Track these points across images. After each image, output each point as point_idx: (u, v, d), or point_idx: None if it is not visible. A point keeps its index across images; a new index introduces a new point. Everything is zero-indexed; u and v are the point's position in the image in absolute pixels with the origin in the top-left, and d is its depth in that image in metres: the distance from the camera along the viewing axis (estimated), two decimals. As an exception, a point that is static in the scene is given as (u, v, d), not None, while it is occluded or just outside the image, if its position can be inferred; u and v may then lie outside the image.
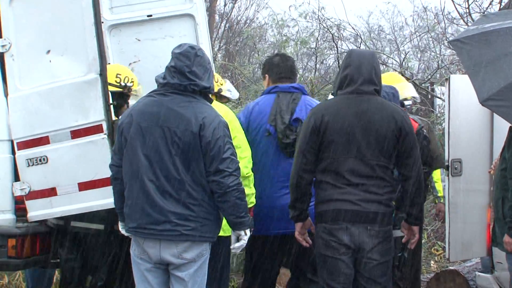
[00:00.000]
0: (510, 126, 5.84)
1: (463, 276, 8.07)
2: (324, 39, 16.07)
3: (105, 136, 6.65)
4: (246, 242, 5.78)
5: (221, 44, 23.93)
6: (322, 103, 6.22)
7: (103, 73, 6.82)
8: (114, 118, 6.67)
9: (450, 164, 6.64)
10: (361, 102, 5.87)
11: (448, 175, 6.64)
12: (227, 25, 25.27)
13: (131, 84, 7.01)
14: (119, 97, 6.91)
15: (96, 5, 6.77)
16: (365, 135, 5.80)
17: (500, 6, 14.52)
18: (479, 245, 6.82)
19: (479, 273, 6.97)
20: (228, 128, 5.71)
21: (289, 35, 16.04)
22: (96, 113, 6.92)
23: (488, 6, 14.64)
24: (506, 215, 5.87)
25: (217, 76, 7.40)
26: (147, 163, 5.51)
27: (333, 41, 15.32)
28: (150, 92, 5.75)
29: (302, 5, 15.64)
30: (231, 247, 5.86)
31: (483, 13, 14.41)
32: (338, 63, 15.18)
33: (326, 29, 15.39)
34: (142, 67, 7.88)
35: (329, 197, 5.82)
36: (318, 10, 15.39)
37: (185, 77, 5.60)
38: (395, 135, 5.82)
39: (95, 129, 6.97)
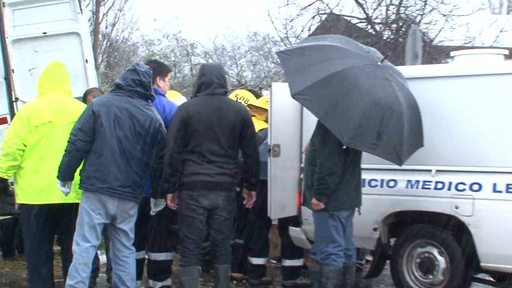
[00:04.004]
0: (318, 120, 5.94)
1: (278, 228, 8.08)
2: (181, 54, 16.08)
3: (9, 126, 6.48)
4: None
5: (104, 57, 23.64)
6: (188, 101, 6.27)
7: (7, 78, 6.64)
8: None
9: (271, 148, 6.67)
10: (215, 100, 5.98)
11: (270, 156, 6.68)
12: (108, 43, 25.10)
13: (241, 101, 7.65)
14: None
15: (1, 24, 6.58)
16: (219, 125, 5.90)
17: (309, 33, 14.89)
18: (291, 206, 6.88)
19: (291, 227, 7.05)
20: None
21: (155, 51, 15.95)
22: (1, 109, 6.74)
23: (300, 33, 14.97)
24: (314, 184, 5.98)
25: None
26: (119, 143, 5.66)
27: (188, 56, 15.43)
28: (119, 91, 5.84)
29: (164, 28, 15.71)
30: (155, 209, 6.08)
31: (297, 37, 14.74)
32: (192, 72, 15.21)
33: (182, 47, 15.47)
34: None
35: (193, 171, 5.87)
36: (177, 33, 15.53)
37: (147, 89, 5.88)
38: (242, 125, 5.99)
39: (1, 121, 6.79)
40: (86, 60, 8.06)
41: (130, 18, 27.76)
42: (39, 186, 5.92)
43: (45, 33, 7.94)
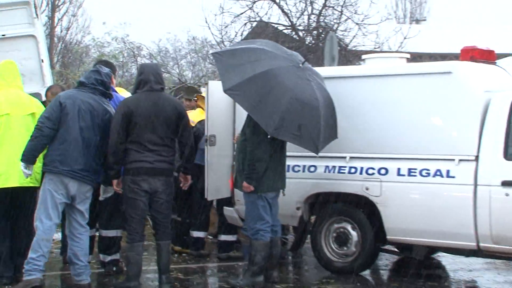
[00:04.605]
0: (248, 113, 5.96)
1: (215, 208, 8.08)
2: (128, 56, 15.89)
3: None
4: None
5: (59, 58, 23.21)
6: (129, 97, 6.09)
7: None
8: None
9: (208, 138, 6.66)
10: (153, 96, 5.84)
11: (207, 145, 6.66)
12: (62, 45, 24.76)
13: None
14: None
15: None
16: (157, 118, 5.77)
17: (241, 38, 14.94)
18: (225, 189, 6.89)
19: (225, 207, 7.06)
20: None
21: (105, 52, 15.70)
22: None
23: (234, 37, 15.00)
24: (245, 169, 6.00)
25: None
26: (81, 132, 5.63)
27: (134, 57, 15.26)
28: (82, 88, 5.81)
29: (113, 32, 15.52)
30: (103, 195, 6.03)
31: (231, 41, 14.75)
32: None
33: (130, 49, 15.29)
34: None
35: (134, 159, 5.75)
36: (125, 36, 15.37)
37: (107, 89, 5.90)
38: (177, 117, 5.86)
39: None
40: (42, 60, 7.91)
41: (82, 23, 27.29)
42: None
43: (3, 35, 7.81)
